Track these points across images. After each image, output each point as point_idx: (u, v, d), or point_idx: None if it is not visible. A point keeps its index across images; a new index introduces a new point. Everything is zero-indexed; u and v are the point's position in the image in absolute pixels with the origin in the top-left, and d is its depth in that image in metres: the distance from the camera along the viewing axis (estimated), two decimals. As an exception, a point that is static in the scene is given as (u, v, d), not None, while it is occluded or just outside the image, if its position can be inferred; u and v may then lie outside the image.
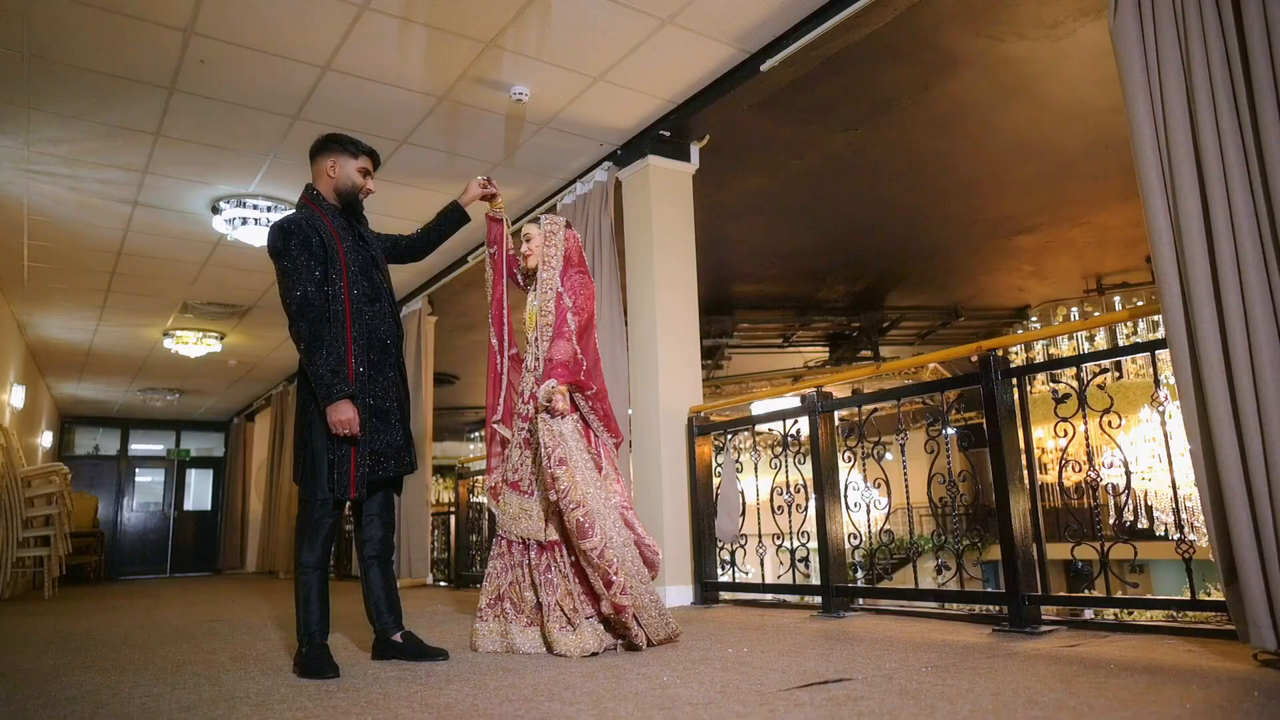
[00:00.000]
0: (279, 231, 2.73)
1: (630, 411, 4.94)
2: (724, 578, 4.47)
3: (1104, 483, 3.34)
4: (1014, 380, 3.20)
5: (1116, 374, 8.15)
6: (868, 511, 3.88)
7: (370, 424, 2.74)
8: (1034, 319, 9.79)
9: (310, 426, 2.74)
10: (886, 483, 3.72)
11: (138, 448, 14.94)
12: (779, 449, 4.25)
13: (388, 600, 2.86)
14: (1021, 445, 3.16)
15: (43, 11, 3.71)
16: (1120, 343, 8.28)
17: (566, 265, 3.18)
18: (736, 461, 4.61)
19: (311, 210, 2.83)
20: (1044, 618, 3.01)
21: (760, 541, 4.40)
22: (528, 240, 3.26)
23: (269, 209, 5.83)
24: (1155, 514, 7.77)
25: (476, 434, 17.44)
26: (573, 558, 2.90)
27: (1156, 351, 2.89)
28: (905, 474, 3.74)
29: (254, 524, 13.19)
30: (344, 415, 2.63)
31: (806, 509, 4.15)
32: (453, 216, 3.25)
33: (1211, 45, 2.32)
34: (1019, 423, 3.17)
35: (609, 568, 2.76)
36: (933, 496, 3.59)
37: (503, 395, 3.23)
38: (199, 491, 15.38)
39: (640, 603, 2.86)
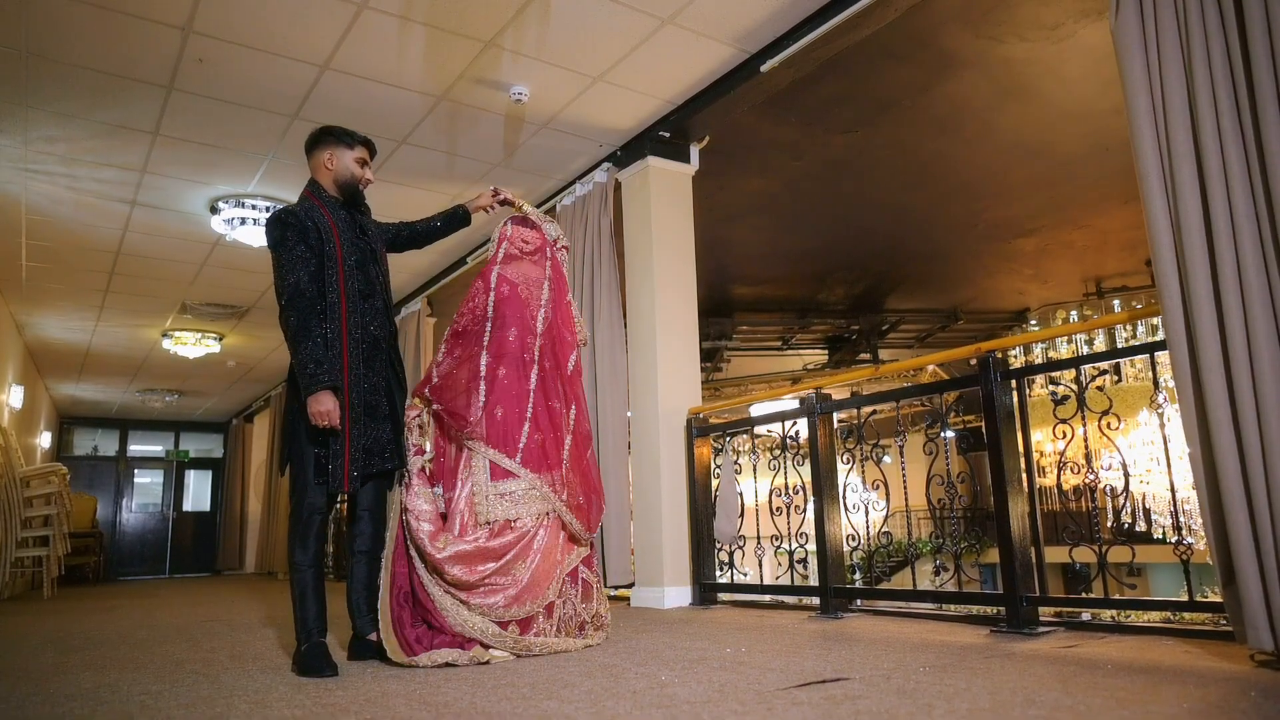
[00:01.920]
0: (275, 222, 2.75)
1: (629, 413, 4.95)
2: (722, 579, 4.47)
3: (1102, 485, 3.34)
4: (1013, 382, 3.20)
5: (1115, 377, 8.15)
6: (866, 513, 3.88)
7: (361, 420, 2.74)
8: (1033, 322, 9.79)
9: (296, 423, 2.73)
10: (885, 485, 3.72)
11: (136, 448, 14.93)
12: (778, 451, 4.25)
13: (368, 599, 2.86)
14: (1020, 448, 3.16)
15: (40, 9, 3.71)
16: (1120, 347, 8.27)
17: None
18: (735, 463, 4.60)
19: (311, 203, 2.84)
20: (1042, 619, 3.01)
21: (759, 543, 4.40)
22: None
23: (267, 209, 5.83)
24: (1153, 517, 7.76)
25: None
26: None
27: (1155, 354, 2.89)
28: (904, 476, 3.74)
29: (253, 525, 13.19)
30: (324, 406, 2.62)
31: (805, 511, 4.15)
32: (457, 216, 3.31)
33: (1213, 45, 2.32)
34: (1018, 425, 3.17)
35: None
36: (931, 499, 3.58)
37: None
38: (198, 492, 15.37)
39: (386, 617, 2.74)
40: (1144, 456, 7.57)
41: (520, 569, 2.81)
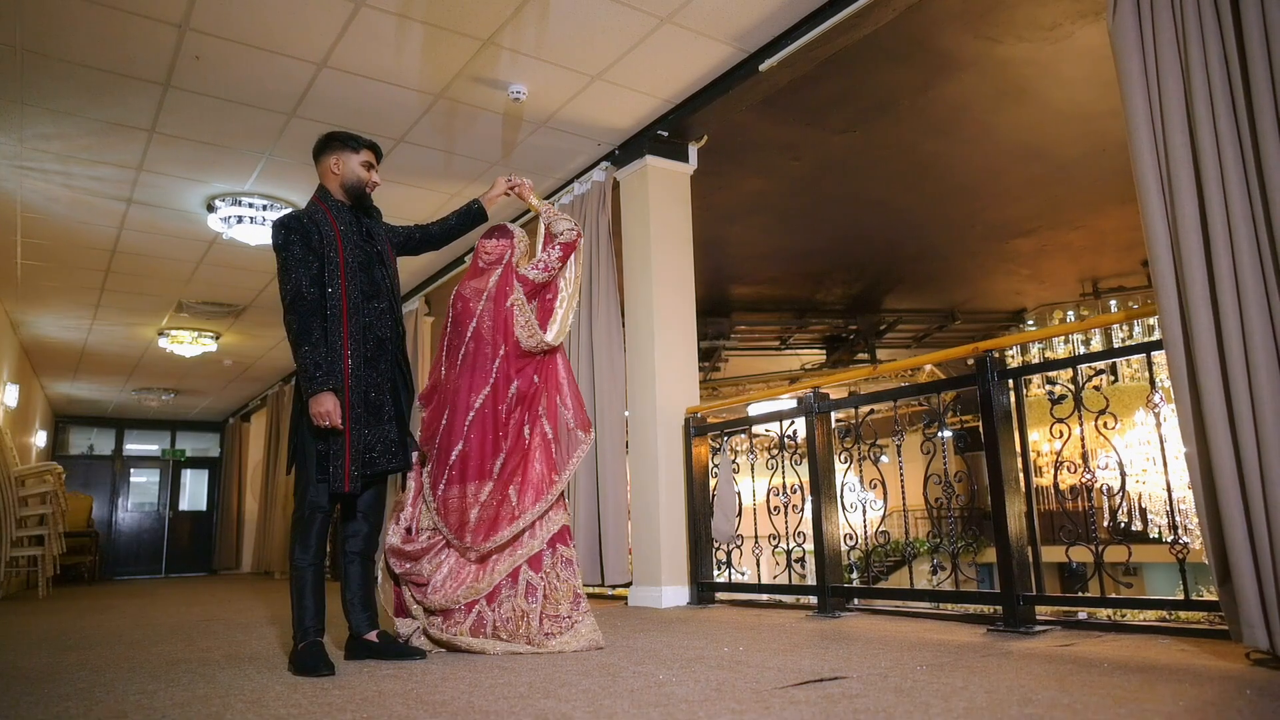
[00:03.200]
0: (279, 227, 2.80)
1: (627, 413, 4.94)
2: (720, 578, 4.47)
3: (1099, 484, 3.35)
4: (1010, 382, 3.20)
5: (1112, 377, 8.17)
6: (864, 513, 3.89)
7: (363, 419, 2.75)
8: (1030, 322, 9.80)
9: (302, 423, 2.76)
10: (883, 484, 3.72)
11: (133, 448, 14.89)
12: (776, 450, 4.25)
13: (363, 599, 2.88)
14: (1017, 447, 3.16)
15: (35, 5, 3.70)
16: (1116, 346, 8.27)
17: None
18: (733, 462, 4.61)
19: (317, 207, 2.88)
20: (1038, 618, 3.01)
21: (756, 542, 4.40)
22: None
23: (264, 207, 5.82)
24: (1149, 516, 7.77)
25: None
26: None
27: (1152, 353, 2.90)
28: (901, 476, 3.74)
29: (249, 524, 13.16)
30: (324, 407, 2.65)
31: (803, 510, 4.15)
32: (471, 213, 3.33)
33: (1210, 47, 2.33)
34: (1015, 425, 3.17)
35: None
36: (928, 498, 3.59)
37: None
38: (194, 492, 15.34)
39: None
40: (1140, 456, 7.58)
41: (428, 566, 3.00)
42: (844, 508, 3.85)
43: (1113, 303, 8.73)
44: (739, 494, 4.47)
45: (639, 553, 4.66)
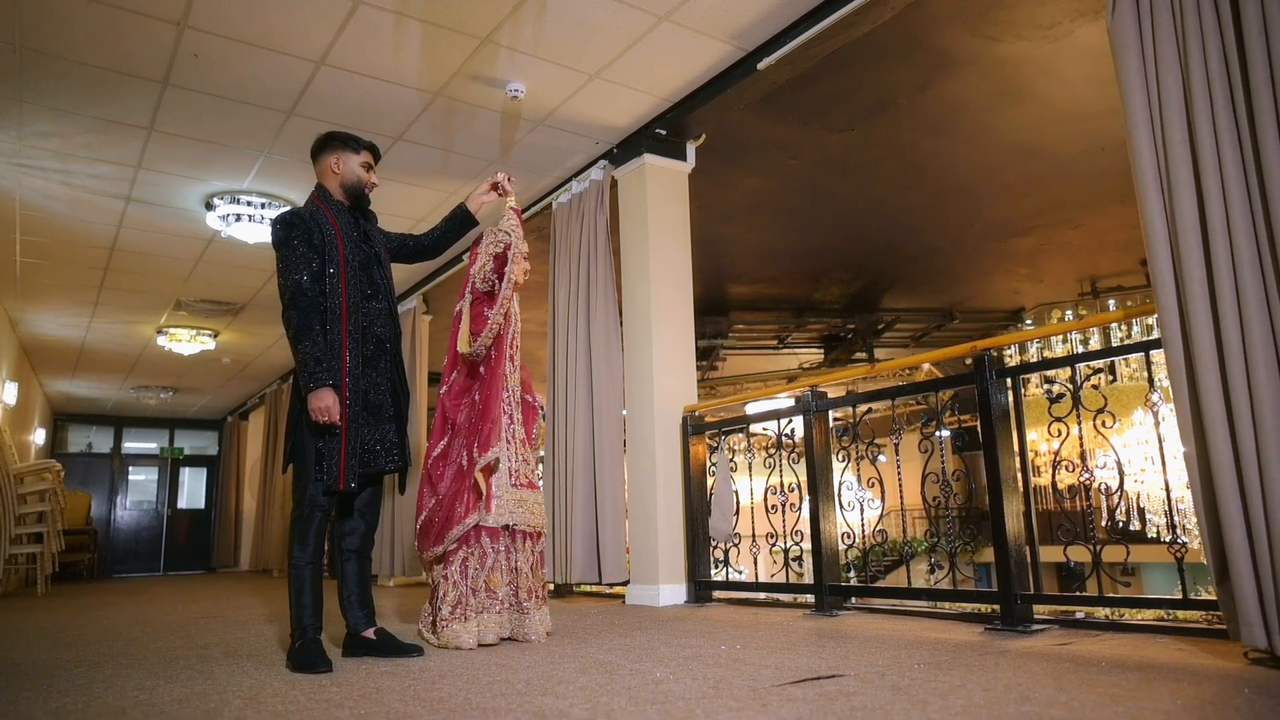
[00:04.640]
0: (280, 223, 2.80)
1: (625, 411, 4.94)
2: (718, 577, 4.47)
3: (1097, 484, 3.35)
4: (1008, 381, 3.20)
5: (1110, 376, 8.17)
6: (861, 512, 3.89)
7: (361, 418, 2.75)
8: (1029, 321, 9.80)
9: (300, 421, 2.77)
10: (880, 483, 3.72)
11: (131, 445, 14.89)
12: (773, 449, 4.25)
13: (360, 596, 2.89)
14: (1015, 446, 3.16)
15: (34, 3, 3.69)
16: (1115, 345, 8.26)
17: None
18: (731, 461, 4.61)
19: (317, 206, 2.89)
20: (1036, 617, 3.02)
21: (754, 541, 4.40)
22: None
23: (263, 205, 5.82)
24: (1148, 516, 7.77)
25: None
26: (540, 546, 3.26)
27: (1150, 352, 2.90)
28: (899, 475, 3.74)
29: (248, 522, 13.16)
30: (323, 402, 2.66)
31: (800, 509, 4.15)
32: (457, 218, 3.34)
33: (1209, 45, 2.33)
34: (1013, 424, 3.17)
35: None
36: (926, 497, 3.59)
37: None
38: (193, 490, 15.34)
39: None
40: (1138, 455, 7.58)
41: None
42: (842, 506, 3.86)
43: (1111, 302, 8.73)
44: (736, 493, 4.47)
45: (636, 551, 4.66)
